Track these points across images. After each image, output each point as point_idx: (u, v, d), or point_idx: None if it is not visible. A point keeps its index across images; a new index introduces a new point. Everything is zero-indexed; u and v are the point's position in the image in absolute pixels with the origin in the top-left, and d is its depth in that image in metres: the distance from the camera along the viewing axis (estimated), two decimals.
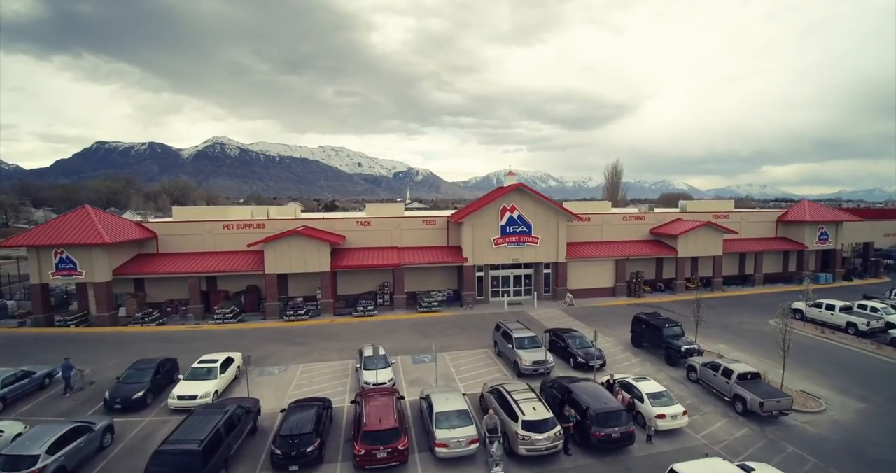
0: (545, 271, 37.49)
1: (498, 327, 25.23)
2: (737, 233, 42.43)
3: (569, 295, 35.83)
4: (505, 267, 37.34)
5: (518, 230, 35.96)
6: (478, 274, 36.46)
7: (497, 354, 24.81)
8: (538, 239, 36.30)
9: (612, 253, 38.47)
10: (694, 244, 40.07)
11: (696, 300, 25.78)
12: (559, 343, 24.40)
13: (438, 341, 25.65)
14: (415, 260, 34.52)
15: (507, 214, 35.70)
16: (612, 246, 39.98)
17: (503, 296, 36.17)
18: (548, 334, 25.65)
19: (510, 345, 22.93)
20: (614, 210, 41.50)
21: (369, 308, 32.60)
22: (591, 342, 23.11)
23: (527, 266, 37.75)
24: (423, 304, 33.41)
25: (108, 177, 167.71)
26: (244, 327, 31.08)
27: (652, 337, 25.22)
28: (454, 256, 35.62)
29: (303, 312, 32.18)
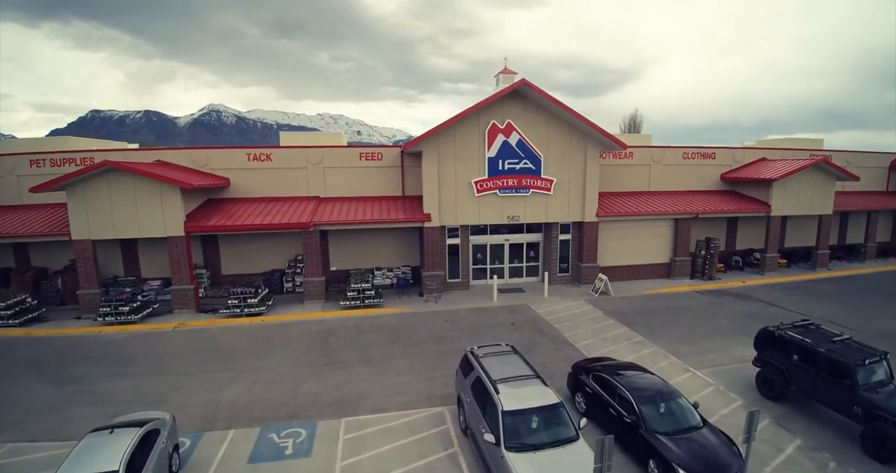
0: (561, 237, 22.99)
1: (466, 365, 10.73)
2: (858, 178, 27.36)
3: (602, 276, 21.39)
4: (496, 230, 22.85)
5: (518, 167, 21.26)
6: (449, 241, 22.04)
7: (463, 429, 10.58)
8: (552, 182, 21.62)
9: (671, 208, 23.75)
10: (795, 196, 25.24)
11: None
12: (608, 404, 10.13)
13: (350, 380, 12.23)
14: (341, 219, 20.08)
15: (500, 139, 20.91)
16: (669, 197, 25.21)
17: (492, 278, 22.08)
18: (579, 376, 11.39)
19: (488, 425, 8.76)
20: (666, 145, 26.68)
21: (249, 300, 18.37)
22: (696, 414, 9.03)
23: (531, 228, 23.25)
24: (351, 294, 19.14)
25: None
26: (22, 333, 17.15)
27: (819, 385, 10.95)
28: (410, 212, 21.13)
29: (137, 306, 18.18)
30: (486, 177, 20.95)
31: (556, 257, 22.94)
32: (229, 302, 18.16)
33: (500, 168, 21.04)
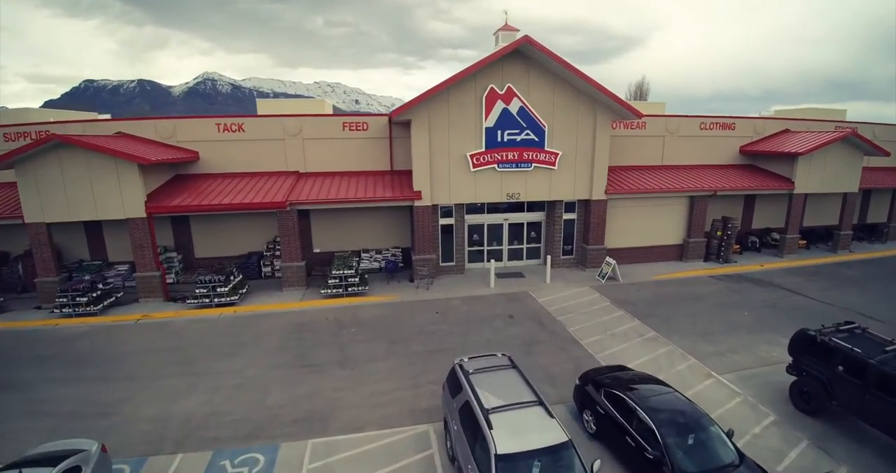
0: (566, 216, 20.99)
1: (453, 382, 8.89)
2: (889, 153, 24.99)
3: (610, 260, 19.53)
4: (493, 209, 20.86)
5: (519, 139, 19.02)
6: (442, 221, 20.07)
7: (451, 457, 8.82)
8: (557, 156, 19.43)
9: (687, 184, 21.61)
10: (821, 172, 23.04)
11: None
12: (623, 430, 8.41)
13: (324, 387, 10.84)
14: (320, 197, 18.03)
15: (500, 107, 18.56)
16: (685, 173, 23.02)
17: (489, 262, 20.25)
18: (587, 388, 9.70)
19: (478, 468, 7.03)
20: (682, 114, 24.22)
21: (219, 289, 16.58)
22: (731, 447, 7.34)
23: (533, 207, 21.25)
24: (332, 282, 17.33)
25: None
26: None
27: (868, 403, 9.23)
28: (398, 189, 19.06)
29: (98, 296, 16.43)
30: (483, 149, 18.74)
31: (559, 238, 21.02)
32: (197, 291, 16.38)
33: (499, 139, 18.80)
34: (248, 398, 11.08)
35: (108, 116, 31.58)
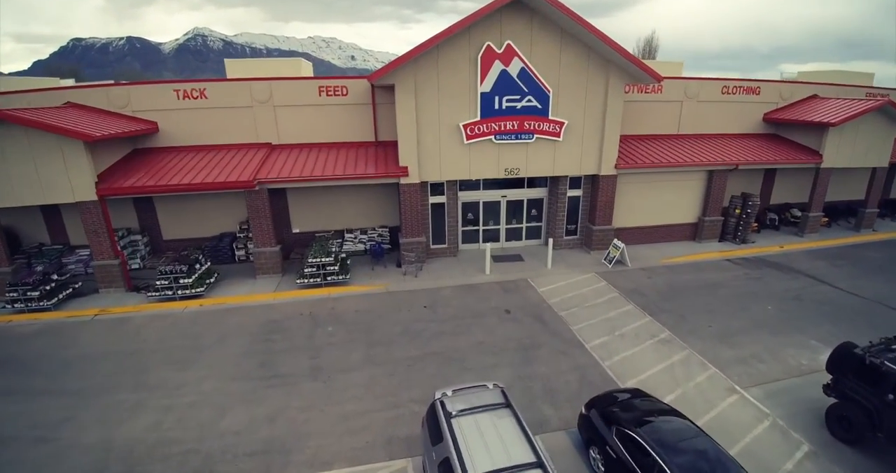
0: (570, 193, 18.98)
1: (433, 424, 7.26)
2: None
3: (618, 243, 17.71)
4: (490, 185, 18.83)
5: (520, 106, 16.70)
6: (433, 200, 18.12)
7: None
8: (562, 125, 17.17)
9: (708, 157, 19.39)
10: (851, 144, 20.73)
11: None
12: None
13: (289, 406, 9.55)
14: (293, 174, 15.98)
15: (497, 68, 16.12)
16: (703, 143, 20.75)
17: (484, 243, 18.45)
18: (595, 422, 8.15)
19: None
20: (699, 75, 21.58)
21: (182, 281, 14.89)
22: None
23: (534, 183, 19.21)
24: (309, 271, 15.60)
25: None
26: None
27: None
28: (382, 164, 16.97)
29: (52, 289, 14.80)
30: (478, 118, 16.48)
31: (562, 217, 19.11)
32: (157, 283, 14.71)
33: (497, 107, 16.50)
34: (201, 419, 9.63)
35: (71, 81, 28.89)
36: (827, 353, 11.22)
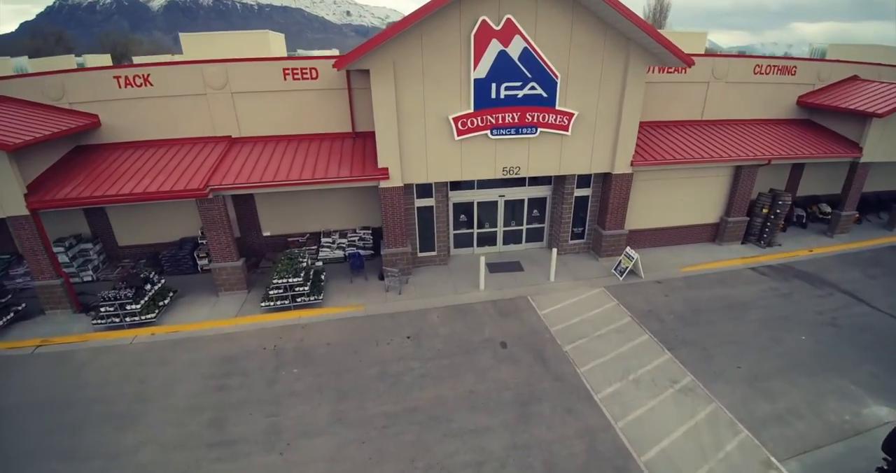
0: (577, 193, 16.66)
1: None
2: None
3: (632, 254, 15.55)
4: (486, 183, 16.46)
5: (521, 95, 14.10)
6: (420, 203, 15.83)
7: None
8: (571, 117, 14.63)
9: (738, 151, 16.86)
10: (893, 136, 18.18)
11: None
12: None
13: None
14: (253, 178, 13.64)
15: (495, 49, 13.42)
16: (730, 132, 18.17)
17: (479, 247, 16.27)
18: None
19: None
20: (723, 53, 18.73)
21: (129, 307, 12.87)
22: None
23: (536, 180, 16.84)
24: (275, 292, 13.53)
25: None
26: None
27: None
28: (358, 162, 14.57)
29: None
30: (471, 110, 13.94)
31: (568, 219, 16.88)
32: (101, 310, 12.72)
33: (494, 96, 13.92)
34: None
35: (24, 60, 25.88)
36: (870, 404, 9.68)
